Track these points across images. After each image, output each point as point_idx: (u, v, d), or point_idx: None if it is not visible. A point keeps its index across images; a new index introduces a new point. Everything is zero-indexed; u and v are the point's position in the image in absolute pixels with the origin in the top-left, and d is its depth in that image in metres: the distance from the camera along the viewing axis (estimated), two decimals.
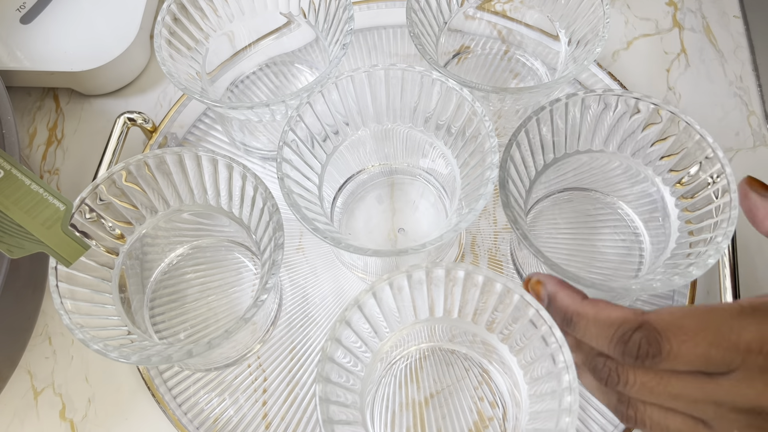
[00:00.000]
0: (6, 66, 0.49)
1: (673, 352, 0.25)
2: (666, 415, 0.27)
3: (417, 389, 0.40)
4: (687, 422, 0.27)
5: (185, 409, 0.41)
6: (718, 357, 0.25)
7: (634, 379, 0.26)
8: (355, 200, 0.46)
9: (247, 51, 0.49)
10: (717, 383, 0.25)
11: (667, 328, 0.25)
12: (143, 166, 0.38)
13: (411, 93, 0.40)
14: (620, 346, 0.26)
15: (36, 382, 0.43)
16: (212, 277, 0.44)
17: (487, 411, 0.39)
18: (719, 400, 0.25)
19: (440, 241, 0.34)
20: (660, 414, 0.27)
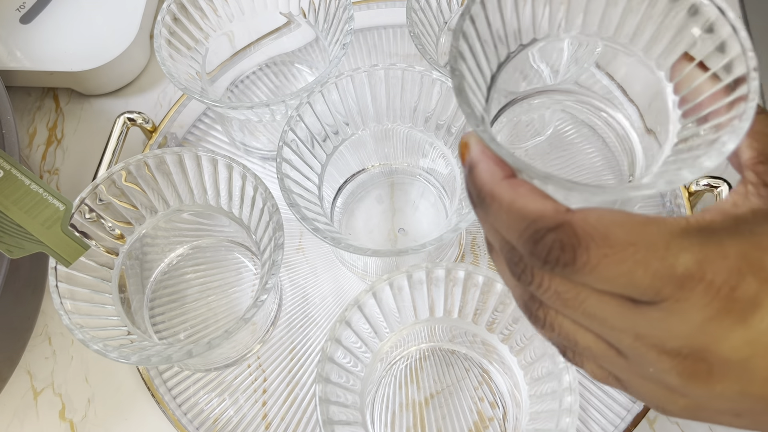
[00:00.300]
0: (6, 66, 0.49)
1: (590, 266, 0.20)
2: (578, 329, 0.23)
3: (417, 389, 0.40)
4: (599, 344, 0.23)
5: (185, 410, 0.41)
6: (645, 281, 0.20)
7: (548, 285, 0.21)
8: (355, 200, 0.46)
9: (247, 51, 0.49)
10: (641, 313, 0.20)
11: (589, 235, 0.20)
12: (143, 166, 0.38)
13: (411, 93, 0.40)
14: (529, 245, 0.21)
15: (36, 382, 0.43)
16: (212, 277, 0.44)
17: (487, 411, 0.39)
18: (641, 333, 0.21)
19: (440, 241, 0.34)
20: (572, 326, 0.23)
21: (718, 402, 0.22)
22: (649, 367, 0.22)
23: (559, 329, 0.23)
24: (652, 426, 0.40)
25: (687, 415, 0.23)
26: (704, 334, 0.20)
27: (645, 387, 0.23)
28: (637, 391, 0.24)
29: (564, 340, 0.23)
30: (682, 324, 0.20)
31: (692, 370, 0.21)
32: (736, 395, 0.21)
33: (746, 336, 0.20)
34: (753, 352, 0.20)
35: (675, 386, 0.22)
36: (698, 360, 0.21)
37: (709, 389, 0.21)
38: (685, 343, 0.20)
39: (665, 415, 0.24)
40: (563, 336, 0.23)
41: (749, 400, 0.21)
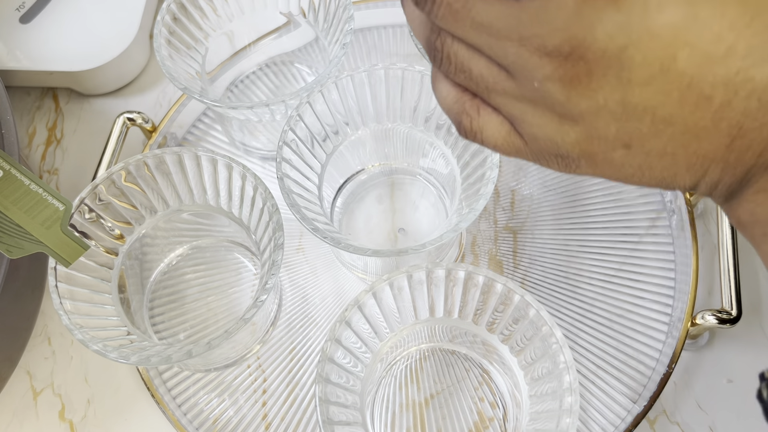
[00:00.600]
0: (5, 66, 0.49)
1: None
2: (471, 55, 0.23)
3: (417, 390, 0.40)
4: (491, 68, 0.23)
5: (185, 410, 0.41)
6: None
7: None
8: (355, 200, 0.46)
9: (247, 51, 0.49)
10: (523, 7, 0.20)
11: None
12: (143, 166, 0.38)
13: (411, 92, 0.40)
14: None
15: (35, 382, 0.43)
16: (212, 277, 0.44)
17: (487, 411, 0.39)
18: (524, 33, 0.21)
19: (440, 241, 0.34)
20: (466, 52, 0.23)
21: (605, 123, 0.21)
22: (533, 81, 0.21)
23: (455, 58, 0.23)
24: (653, 426, 0.40)
25: (583, 155, 0.23)
26: (579, 19, 0.19)
27: (536, 115, 0.23)
28: (531, 130, 0.23)
29: (461, 70, 0.24)
30: (558, 11, 0.20)
31: (572, 73, 0.20)
32: (618, 107, 0.21)
33: (619, 20, 0.19)
34: (627, 40, 0.19)
35: (560, 101, 0.21)
36: (577, 59, 0.20)
37: (591, 98, 0.21)
38: (564, 36, 0.20)
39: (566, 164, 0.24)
40: (460, 65, 0.23)
41: (632, 115, 0.21)
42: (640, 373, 0.40)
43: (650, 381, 0.40)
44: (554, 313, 0.42)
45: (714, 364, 0.41)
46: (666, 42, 0.19)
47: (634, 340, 0.41)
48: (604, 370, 0.40)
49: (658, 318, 0.41)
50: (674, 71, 0.19)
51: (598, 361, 0.41)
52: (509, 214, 0.45)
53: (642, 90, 0.20)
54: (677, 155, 0.21)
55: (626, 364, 0.40)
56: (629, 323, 0.41)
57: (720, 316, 0.39)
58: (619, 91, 0.20)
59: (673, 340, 0.40)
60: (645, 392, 0.39)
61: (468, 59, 0.23)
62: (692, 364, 0.41)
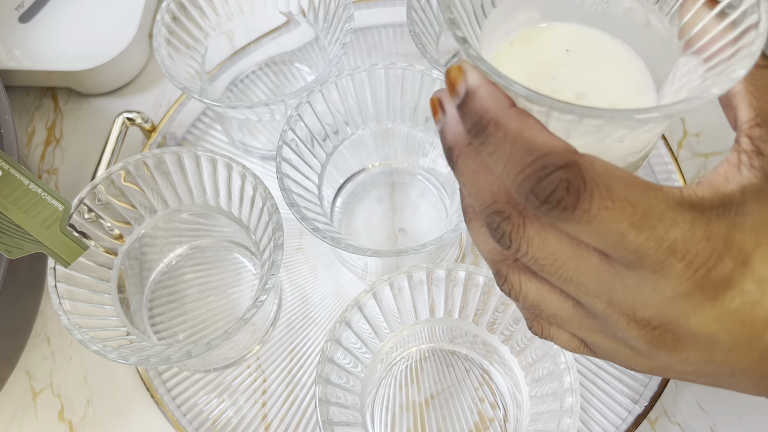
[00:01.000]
0: (4, 65, 0.49)
1: (589, 215, 0.19)
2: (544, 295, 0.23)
3: (417, 390, 0.40)
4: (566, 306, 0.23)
5: (184, 410, 0.41)
6: (634, 245, 0.19)
7: (525, 251, 0.21)
8: (355, 200, 0.45)
9: (247, 50, 0.49)
10: (619, 277, 0.20)
11: (595, 182, 0.19)
12: (142, 165, 0.38)
13: (411, 92, 0.39)
14: (531, 181, 0.19)
15: (34, 382, 0.43)
16: (211, 277, 0.44)
17: (488, 412, 0.39)
18: (614, 299, 0.21)
19: (441, 241, 0.34)
20: (538, 293, 0.23)
21: (682, 365, 0.23)
22: (617, 331, 0.22)
23: (524, 300, 0.24)
24: (653, 426, 0.40)
25: (652, 373, 0.24)
26: (675, 307, 0.20)
27: (611, 346, 0.23)
28: (605, 353, 0.24)
29: (530, 309, 0.24)
30: (655, 295, 0.20)
31: (659, 339, 0.21)
32: (700, 362, 0.22)
33: (715, 314, 0.20)
34: (720, 328, 0.21)
35: (642, 351, 0.22)
36: (666, 331, 0.21)
37: (674, 356, 0.22)
38: (655, 313, 0.21)
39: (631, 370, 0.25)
40: (528, 306, 0.24)
41: (712, 365, 0.22)
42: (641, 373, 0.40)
43: (651, 381, 0.39)
44: None
45: None
46: (756, 327, 0.21)
47: None
48: (604, 370, 0.40)
49: None
50: (760, 343, 0.21)
51: (598, 362, 0.40)
52: None
53: (726, 354, 0.22)
54: (749, 387, 0.23)
55: None
56: None
57: None
58: (704, 354, 0.22)
59: None
60: (646, 392, 0.39)
61: (539, 302, 0.24)
62: None
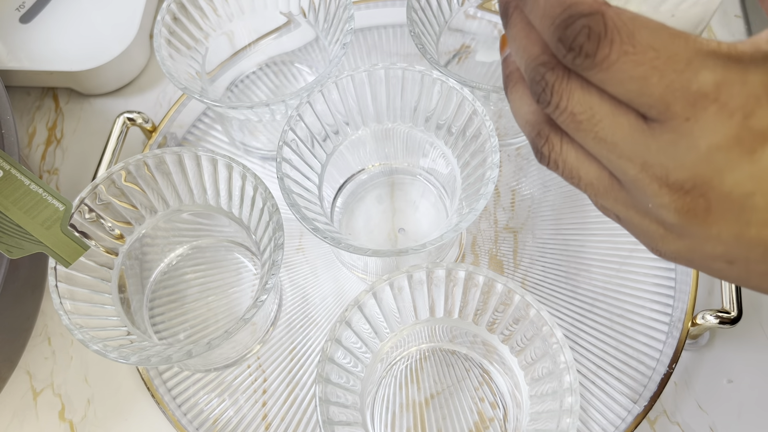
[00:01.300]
0: (5, 65, 0.49)
1: (608, 61, 0.20)
2: (582, 161, 0.23)
3: (417, 390, 0.40)
4: (602, 176, 0.23)
5: (185, 410, 0.41)
6: (658, 90, 0.19)
7: (565, 105, 0.22)
8: (355, 200, 0.45)
9: (247, 50, 0.49)
10: (652, 135, 0.20)
11: (617, 29, 0.19)
12: (143, 166, 0.38)
13: (411, 92, 0.39)
14: (560, 30, 0.20)
15: (35, 382, 0.43)
16: (212, 277, 0.44)
17: (487, 412, 0.39)
18: (648, 161, 0.21)
19: (441, 241, 0.34)
20: (577, 158, 0.23)
21: (713, 245, 0.21)
22: (648, 202, 0.22)
23: (563, 165, 0.24)
24: (653, 426, 0.40)
25: (679, 258, 0.23)
26: (709, 163, 0.20)
27: (643, 224, 0.23)
28: (634, 228, 0.24)
29: (569, 176, 0.24)
30: (689, 150, 0.20)
31: (691, 206, 0.20)
32: (731, 239, 0.21)
33: (752, 170, 0.19)
34: (756, 188, 0.20)
35: (672, 224, 0.21)
36: (698, 196, 0.20)
37: (705, 229, 0.21)
38: (689, 174, 0.20)
39: (657, 255, 0.24)
40: (568, 172, 0.24)
41: (744, 245, 0.21)
42: (641, 373, 0.40)
43: (650, 381, 0.40)
44: (554, 313, 0.42)
45: (714, 364, 0.41)
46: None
47: (634, 340, 0.41)
48: (604, 370, 0.40)
49: (658, 318, 0.41)
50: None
51: (598, 361, 0.41)
52: (509, 214, 0.45)
53: (759, 229, 0.20)
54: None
55: (626, 364, 0.40)
56: (629, 323, 0.41)
57: (720, 316, 0.39)
58: (736, 228, 0.20)
59: (673, 340, 0.40)
60: (645, 392, 0.39)
61: (578, 167, 0.23)
62: (692, 364, 0.41)
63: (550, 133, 0.24)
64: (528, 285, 0.43)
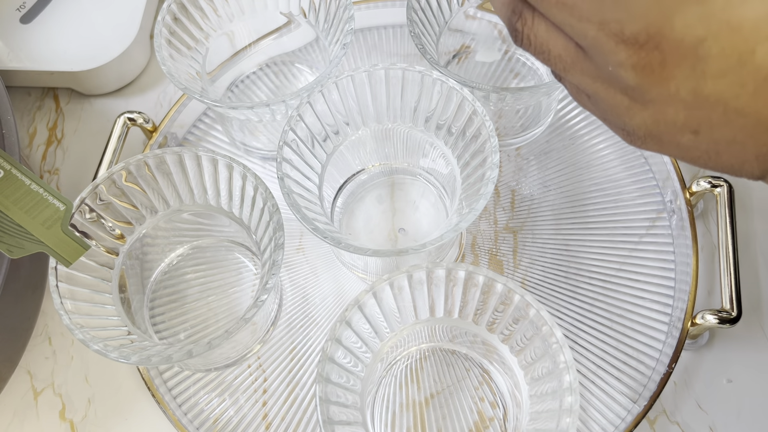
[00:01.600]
0: (6, 66, 0.49)
1: None
2: (551, 33, 0.24)
3: (417, 390, 0.40)
4: (569, 48, 0.24)
5: (185, 410, 0.41)
6: None
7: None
8: (356, 200, 0.46)
9: (247, 51, 0.49)
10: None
11: None
12: (143, 166, 0.38)
13: (411, 93, 0.40)
14: None
15: (36, 382, 0.43)
16: (212, 277, 0.44)
17: (487, 411, 0.39)
18: (604, 17, 0.21)
19: (440, 241, 0.34)
20: (546, 31, 0.24)
21: (675, 110, 0.21)
22: (608, 65, 0.22)
23: (535, 39, 0.24)
24: (653, 426, 0.40)
25: (648, 137, 0.23)
26: (659, 8, 0.20)
27: (608, 96, 0.23)
28: (602, 105, 0.24)
29: (540, 51, 0.24)
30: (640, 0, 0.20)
31: (646, 61, 0.21)
32: (690, 97, 0.21)
33: (700, 11, 0.19)
34: (706, 31, 0.20)
35: (632, 86, 0.22)
36: (653, 48, 0.20)
37: (663, 86, 0.21)
38: (642, 25, 0.20)
39: (628, 140, 0.24)
40: (539, 46, 0.24)
41: (704, 105, 0.21)
42: (640, 372, 0.40)
43: (650, 381, 0.40)
44: (554, 313, 0.42)
45: (714, 364, 0.41)
46: (746, 35, 0.19)
47: (634, 340, 0.41)
48: (604, 369, 0.40)
49: (658, 318, 0.41)
50: (752, 64, 0.19)
51: (598, 361, 0.41)
52: (509, 214, 0.45)
53: (716, 81, 0.20)
54: (747, 144, 0.21)
55: (626, 363, 0.40)
56: (629, 323, 0.41)
57: (720, 316, 0.39)
58: (692, 81, 0.20)
59: (673, 340, 0.40)
60: (645, 392, 0.39)
61: (547, 40, 0.24)
62: (692, 364, 0.41)
63: (523, 9, 0.24)
64: (528, 285, 0.43)
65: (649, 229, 0.44)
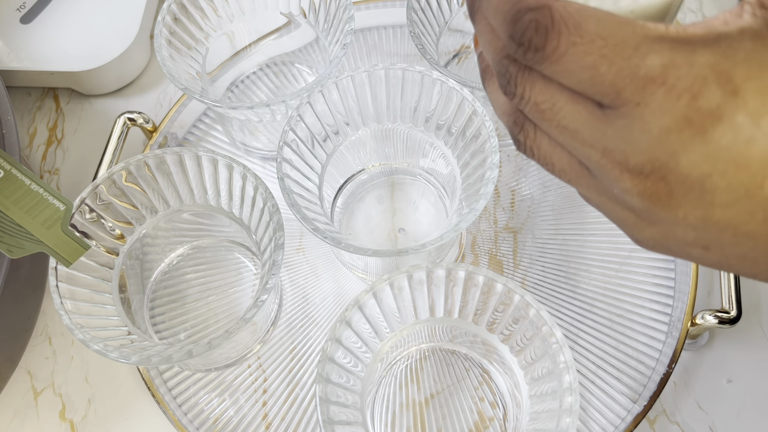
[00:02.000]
0: (6, 66, 0.49)
1: (558, 53, 0.20)
2: (554, 149, 0.23)
3: (417, 390, 0.40)
4: (573, 164, 0.23)
5: (185, 410, 0.41)
6: (607, 78, 0.20)
7: (528, 95, 0.22)
8: (356, 200, 0.46)
9: (247, 51, 0.49)
10: (608, 121, 0.21)
11: (564, 21, 0.20)
12: (143, 166, 0.38)
13: (411, 93, 0.40)
14: (510, 26, 0.21)
15: (36, 382, 0.43)
16: (212, 277, 0.44)
17: (487, 411, 0.39)
18: (608, 147, 0.21)
19: (440, 241, 0.34)
20: (549, 145, 0.24)
21: (683, 230, 0.21)
22: (614, 188, 0.22)
23: (538, 152, 0.24)
24: (653, 426, 0.40)
25: (657, 246, 0.23)
26: (663, 145, 0.20)
27: (615, 211, 0.23)
28: (610, 216, 0.24)
29: (544, 163, 0.24)
30: (643, 134, 0.20)
31: (652, 190, 0.21)
32: (699, 222, 0.21)
33: (705, 150, 0.19)
34: (712, 168, 0.20)
35: (639, 209, 0.22)
36: (658, 179, 0.20)
37: (671, 213, 0.21)
38: (646, 158, 0.20)
39: (637, 244, 0.24)
40: (542, 159, 0.24)
41: (712, 228, 0.21)
42: (640, 372, 0.40)
43: (650, 381, 0.40)
44: (554, 313, 0.42)
45: (714, 364, 0.41)
46: (753, 172, 0.19)
47: (634, 340, 0.41)
48: (604, 370, 0.40)
49: (658, 318, 0.41)
50: (760, 196, 0.20)
51: (598, 361, 0.41)
52: (509, 214, 0.45)
53: (725, 210, 0.20)
54: (759, 260, 0.21)
55: (626, 363, 0.40)
56: (629, 323, 0.41)
57: (720, 316, 0.39)
58: (701, 210, 0.20)
59: (672, 340, 0.40)
60: (645, 392, 0.39)
61: (551, 154, 0.24)
62: (692, 364, 0.41)
63: (524, 121, 0.24)
64: (528, 285, 0.43)
65: None
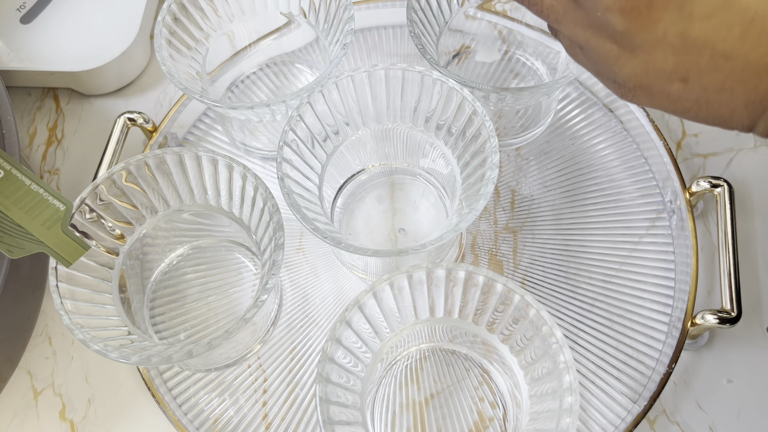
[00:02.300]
0: (6, 66, 0.49)
1: None
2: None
3: (417, 390, 0.40)
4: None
5: (185, 410, 0.41)
6: None
7: None
8: (356, 200, 0.46)
9: (248, 51, 0.49)
10: None
11: None
12: (143, 166, 0.38)
13: (411, 93, 0.40)
14: None
15: (36, 382, 0.43)
16: (212, 277, 0.44)
17: (487, 411, 0.39)
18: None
19: (440, 241, 0.34)
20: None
21: (663, 56, 0.22)
22: (597, 10, 0.22)
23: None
24: (652, 426, 0.40)
25: (639, 87, 0.23)
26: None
27: (599, 44, 0.23)
28: (594, 51, 0.24)
29: (533, 2, 0.25)
30: None
31: (633, 5, 0.21)
32: (677, 40, 0.21)
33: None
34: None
35: (621, 32, 0.22)
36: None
37: (651, 30, 0.21)
38: None
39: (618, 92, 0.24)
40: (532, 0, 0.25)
41: (691, 49, 0.21)
42: (640, 372, 0.40)
43: (650, 381, 0.40)
44: (554, 313, 0.42)
45: (714, 364, 0.41)
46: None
47: (634, 340, 0.41)
48: (604, 370, 0.40)
49: (658, 318, 0.41)
50: (737, 6, 0.20)
51: (598, 361, 0.41)
52: (509, 214, 0.45)
53: (703, 23, 0.20)
54: (736, 91, 0.21)
55: (626, 364, 0.40)
56: (629, 323, 0.41)
57: (720, 315, 0.39)
58: (679, 24, 0.21)
59: (673, 340, 0.40)
60: (645, 392, 0.39)
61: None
62: (692, 364, 0.41)
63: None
64: (528, 285, 0.43)
65: (649, 229, 0.44)
